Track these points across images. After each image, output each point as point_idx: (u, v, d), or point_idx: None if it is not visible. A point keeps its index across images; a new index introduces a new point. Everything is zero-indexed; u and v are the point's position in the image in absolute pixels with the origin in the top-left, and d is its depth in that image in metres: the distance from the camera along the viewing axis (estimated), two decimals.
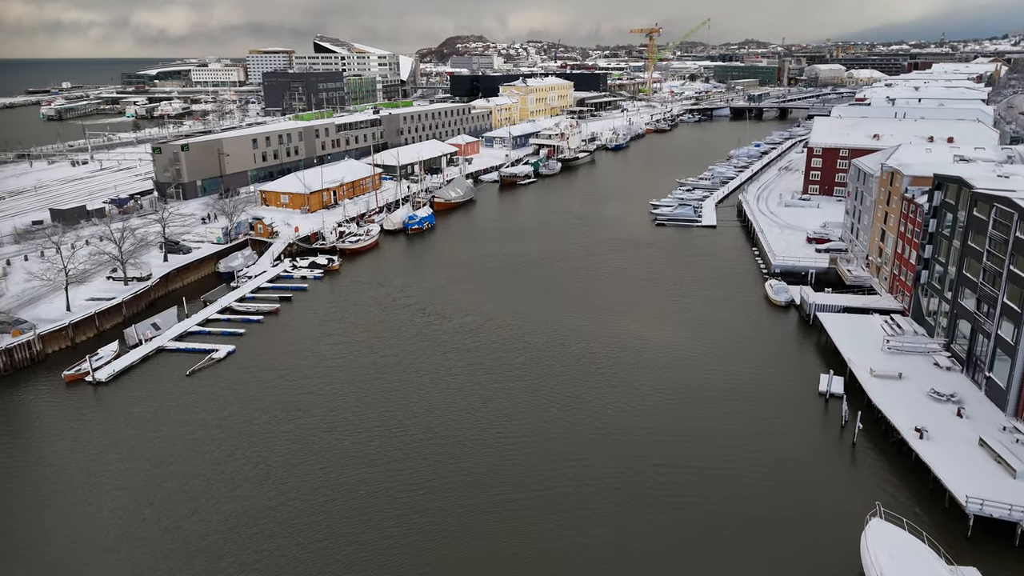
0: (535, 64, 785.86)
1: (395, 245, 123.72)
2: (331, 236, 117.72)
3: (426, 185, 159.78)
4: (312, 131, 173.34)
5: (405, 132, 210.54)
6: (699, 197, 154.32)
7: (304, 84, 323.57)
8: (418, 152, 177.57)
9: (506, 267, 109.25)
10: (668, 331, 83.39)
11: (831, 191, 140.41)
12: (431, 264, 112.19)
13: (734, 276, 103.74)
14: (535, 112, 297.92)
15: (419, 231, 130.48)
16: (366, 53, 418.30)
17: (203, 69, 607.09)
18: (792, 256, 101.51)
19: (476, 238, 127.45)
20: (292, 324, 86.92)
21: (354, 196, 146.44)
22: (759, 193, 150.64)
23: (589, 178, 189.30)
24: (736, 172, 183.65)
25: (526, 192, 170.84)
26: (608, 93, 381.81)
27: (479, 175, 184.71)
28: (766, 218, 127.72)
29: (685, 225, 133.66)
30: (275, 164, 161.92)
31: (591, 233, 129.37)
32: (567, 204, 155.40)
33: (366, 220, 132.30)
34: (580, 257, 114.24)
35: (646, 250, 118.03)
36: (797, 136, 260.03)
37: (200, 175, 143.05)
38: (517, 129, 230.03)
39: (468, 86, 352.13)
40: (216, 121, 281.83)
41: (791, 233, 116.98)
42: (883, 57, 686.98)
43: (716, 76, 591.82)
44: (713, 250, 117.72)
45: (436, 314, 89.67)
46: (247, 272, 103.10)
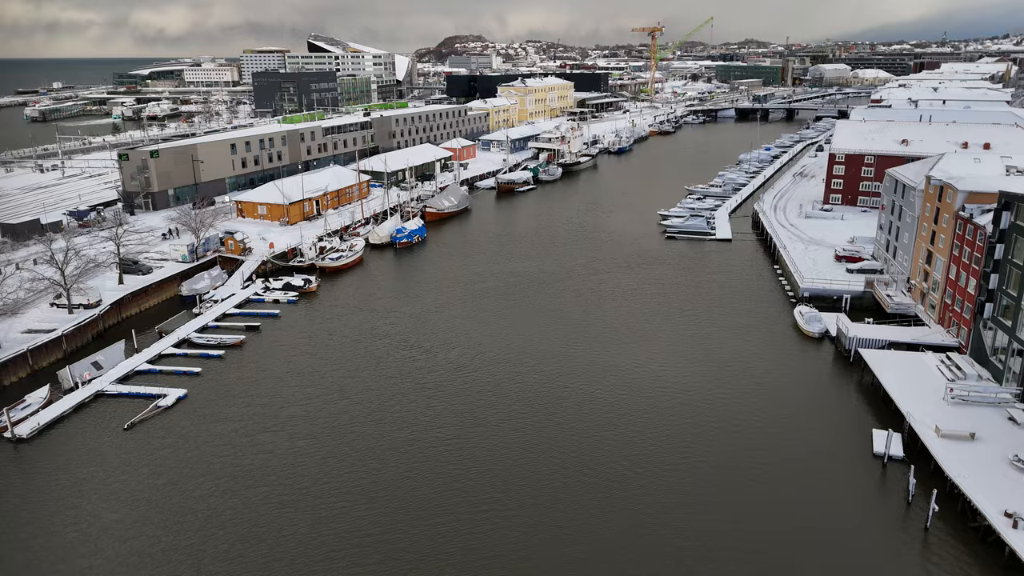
0: (534, 64, 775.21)
1: (381, 262, 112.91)
2: (310, 253, 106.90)
3: (417, 193, 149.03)
4: (297, 135, 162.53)
5: (397, 135, 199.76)
6: (710, 206, 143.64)
7: (296, 84, 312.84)
8: (409, 157, 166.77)
9: (501, 288, 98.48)
10: (687, 369, 72.59)
11: (855, 201, 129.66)
12: (419, 284, 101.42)
13: (757, 300, 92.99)
14: (534, 114, 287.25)
15: (408, 245, 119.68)
16: (361, 53, 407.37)
17: (196, 69, 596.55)
18: (822, 278, 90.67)
19: (470, 253, 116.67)
20: (257, 359, 76.10)
21: (339, 206, 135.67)
22: (775, 202, 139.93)
23: (592, 185, 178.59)
24: (748, 178, 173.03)
25: (525, 200, 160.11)
26: (609, 94, 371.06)
27: (475, 181, 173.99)
28: (786, 231, 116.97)
29: (697, 238, 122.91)
30: (256, 171, 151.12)
31: (595, 247, 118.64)
32: (569, 214, 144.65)
33: (350, 233, 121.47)
34: (584, 276, 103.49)
35: (656, 268, 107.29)
36: (808, 139, 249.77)
37: (172, 184, 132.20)
38: (515, 132, 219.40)
39: (465, 87, 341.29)
40: (203, 123, 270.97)
41: (816, 249, 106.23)
42: (888, 57, 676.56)
43: (718, 76, 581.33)
44: (730, 268, 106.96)
45: (421, 347, 78.85)
46: (214, 295, 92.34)
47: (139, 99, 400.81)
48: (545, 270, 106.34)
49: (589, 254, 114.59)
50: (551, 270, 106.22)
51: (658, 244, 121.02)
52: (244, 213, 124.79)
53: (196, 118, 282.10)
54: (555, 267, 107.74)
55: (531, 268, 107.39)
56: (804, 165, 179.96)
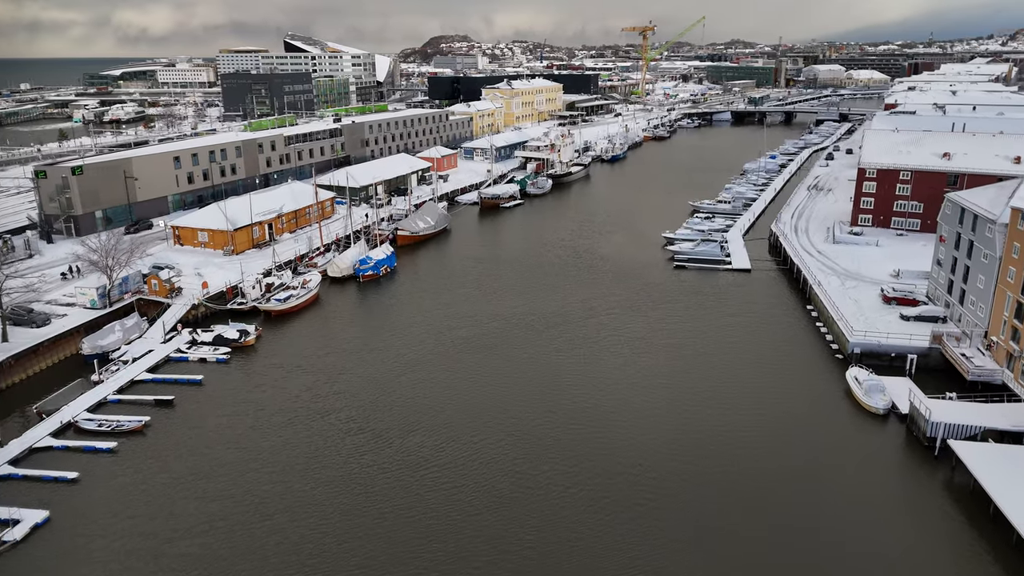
0: (520, 64, 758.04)
1: (340, 301, 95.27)
2: (253, 292, 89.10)
3: (389, 212, 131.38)
4: (254, 145, 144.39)
5: (371, 143, 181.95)
6: (720, 226, 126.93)
7: (267, 86, 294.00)
8: (380, 170, 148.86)
9: (481, 338, 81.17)
10: (717, 461, 55.64)
11: (888, 222, 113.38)
12: (382, 333, 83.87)
13: (793, 355, 76.21)
14: (521, 117, 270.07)
15: (374, 278, 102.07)
16: (339, 53, 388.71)
17: (170, 70, 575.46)
18: (876, 330, 73.82)
19: (447, 288, 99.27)
20: (156, 454, 58.29)
21: (298, 229, 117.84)
22: (794, 222, 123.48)
23: (585, 199, 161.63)
24: (757, 191, 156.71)
25: (511, 217, 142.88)
26: (600, 96, 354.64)
27: (456, 196, 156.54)
28: (815, 261, 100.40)
29: (711, 268, 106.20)
30: (205, 187, 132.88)
31: (593, 279, 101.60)
32: (560, 235, 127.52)
33: (306, 264, 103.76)
34: (580, 320, 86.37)
35: (665, 308, 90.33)
36: (812, 144, 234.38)
37: (100, 204, 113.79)
38: (501, 138, 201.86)
39: (448, 88, 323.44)
40: (165, 128, 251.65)
41: (856, 286, 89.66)
42: (880, 57, 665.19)
43: (709, 77, 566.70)
44: (754, 308, 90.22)
45: (372, 430, 61.36)
46: (124, 353, 74.53)
47: (104, 101, 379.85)
48: (533, 311, 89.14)
49: (585, 288, 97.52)
50: (540, 311, 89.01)
51: (665, 275, 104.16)
52: (182, 240, 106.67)
53: (157, 122, 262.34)
54: (545, 307, 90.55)
55: (517, 309, 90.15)
56: (818, 177, 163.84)
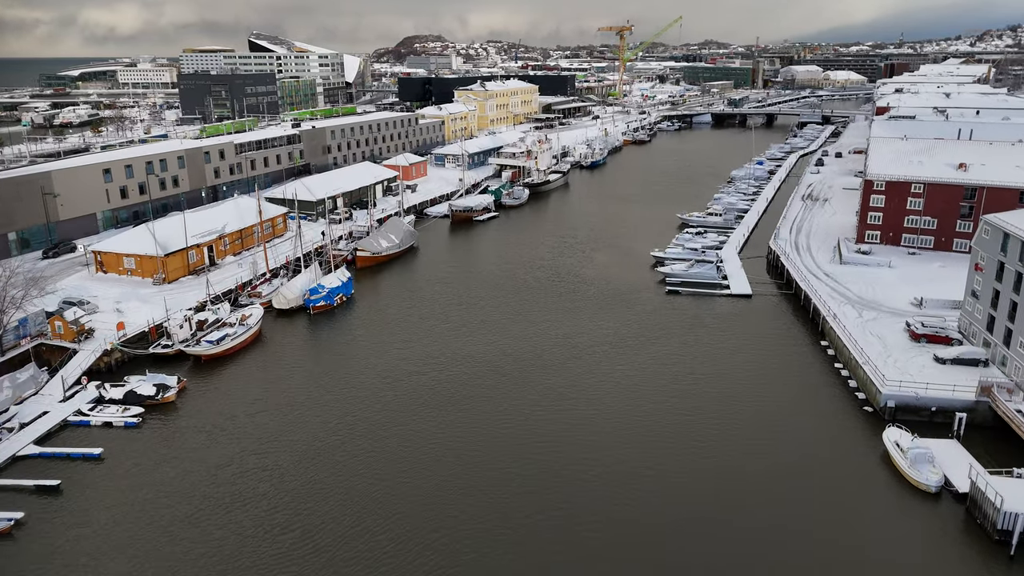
0: (495, 65, 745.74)
1: (285, 339, 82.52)
2: (181, 332, 76.08)
3: (349, 228, 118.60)
4: (199, 154, 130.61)
5: (334, 150, 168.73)
6: (712, 243, 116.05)
7: (228, 87, 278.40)
8: (339, 181, 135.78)
9: (444, 387, 69.06)
10: (733, 560, 44.18)
11: (898, 239, 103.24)
12: (328, 381, 71.36)
13: (814, 408, 65.10)
14: (496, 121, 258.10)
15: (327, 309, 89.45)
16: (306, 52, 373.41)
17: (131, 70, 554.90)
18: (911, 379, 62.99)
19: (408, 321, 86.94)
20: (22, 569, 45.44)
21: (244, 251, 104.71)
22: (794, 238, 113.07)
23: (565, 210, 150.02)
24: (748, 201, 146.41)
25: (485, 232, 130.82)
26: (577, 97, 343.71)
27: (425, 208, 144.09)
28: (824, 286, 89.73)
29: (707, 293, 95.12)
30: (141, 202, 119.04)
31: (576, 307, 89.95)
32: (539, 252, 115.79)
33: (249, 294, 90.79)
34: (561, 362, 74.62)
35: (659, 345, 78.89)
36: (798, 148, 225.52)
37: (13, 225, 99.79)
38: (474, 144, 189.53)
39: (419, 90, 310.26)
40: (116, 132, 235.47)
41: (875, 317, 79.03)
42: (856, 58, 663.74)
43: (686, 77, 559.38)
44: (761, 344, 79.15)
45: (300, 528, 48.96)
46: (12, 417, 61.33)
47: (56, 104, 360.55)
48: (508, 350, 77.22)
49: (568, 319, 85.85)
50: (516, 351, 77.10)
51: (656, 301, 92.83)
52: (105, 267, 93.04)
53: (106, 127, 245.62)
54: (521, 345, 78.67)
55: (489, 347, 78.14)
56: (811, 185, 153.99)
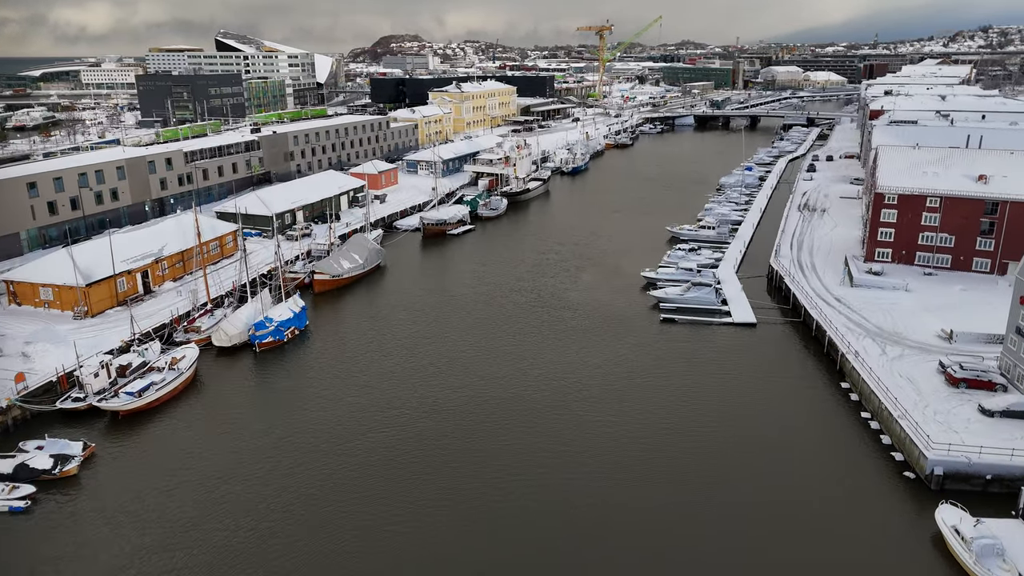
0: (473, 65, 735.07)
1: (221, 386, 71.18)
2: (96, 382, 64.51)
3: (308, 246, 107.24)
4: (142, 163, 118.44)
5: (297, 157, 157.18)
6: (707, 260, 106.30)
7: (190, 88, 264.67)
8: (299, 192, 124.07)
9: (401, 448, 58.31)
10: None
11: (911, 258, 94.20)
12: (263, 443, 60.19)
13: (842, 471, 55.24)
14: (472, 124, 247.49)
15: (275, 346, 78.25)
16: (275, 52, 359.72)
17: (95, 70, 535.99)
18: (961, 442, 53.30)
19: (368, 359, 75.98)
20: None
21: (187, 275, 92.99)
22: (796, 254, 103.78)
23: (546, 222, 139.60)
24: (740, 212, 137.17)
25: (459, 248, 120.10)
26: (556, 99, 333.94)
27: (395, 220, 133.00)
28: (837, 313, 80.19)
29: (706, 321, 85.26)
30: (74, 218, 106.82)
31: (560, 339, 79.55)
32: (519, 271, 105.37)
33: (187, 328, 79.25)
34: (545, 411, 64.16)
35: (655, 386, 68.73)
36: (786, 152, 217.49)
37: None
38: (449, 149, 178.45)
39: (392, 91, 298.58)
40: (68, 136, 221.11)
41: (901, 353, 69.56)
42: (835, 59, 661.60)
43: (666, 78, 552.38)
44: (770, 385, 69.31)
45: None
46: None
47: (11, 106, 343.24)
48: (481, 395, 66.66)
49: (551, 354, 75.48)
50: (491, 397, 66.56)
51: (650, 332, 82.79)
52: (20, 299, 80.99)
53: (57, 131, 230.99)
54: (498, 389, 68.12)
55: (459, 392, 67.52)
56: (806, 194, 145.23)
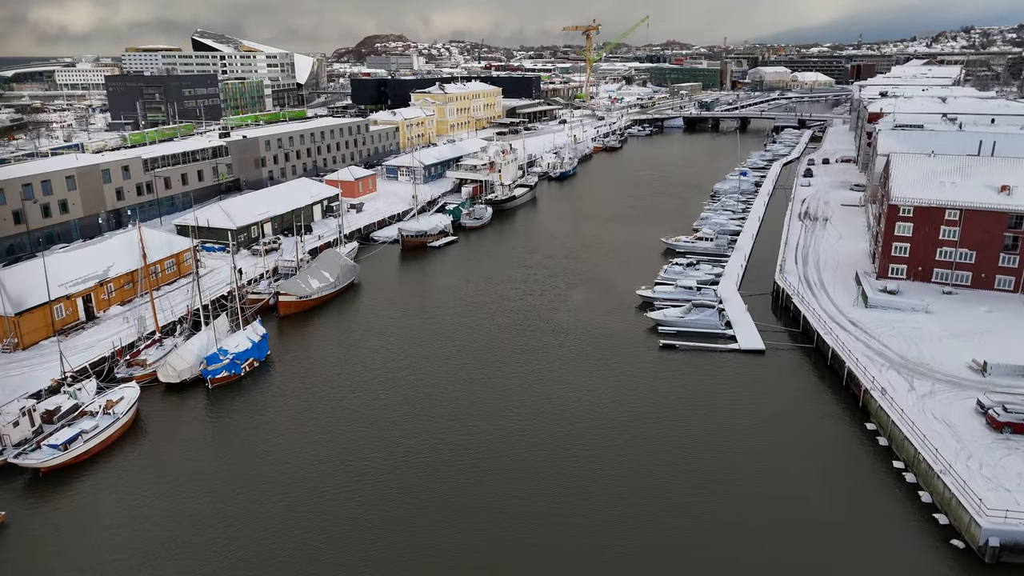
0: (458, 65, 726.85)
1: (166, 429, 62.64)
2: (15, 432, 55.80)
3: (275, 263, 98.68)
4: (96, 172, 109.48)
5: (269, 163, 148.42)
6: (706, 276, 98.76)
7: (163, 89, 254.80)
8: (267, 202, 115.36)
9: (365, 528, 50.20)
10: None
11: (928, 275, 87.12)
12: (202, 508, 51.69)
13: (881, 540, 47.73)
14: (456, 126, 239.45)
15: (231, 381, 69.81)
16: (253, 52, 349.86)
17: (70, 70, 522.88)
18: (1020, 508, 46.05)
19: (333, 398, 67.67)
20: None
21: (138, 297, 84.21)
22: (802, 270, 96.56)
23: (533, 232, 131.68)
24: (738, 221, 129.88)
25: (440, 262, 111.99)
26: (542, 100, 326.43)
27: (373, 231, 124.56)
28: (856, 341, 72.79)
29: (709, 348, 77.67)
30: (17, 233, 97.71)
31: (550, 370, 71.64)
32: (504, 289, 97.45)
33: (131, 362, 70.58)
34: (531, 471, 56.28)
35: (658, 433, 60.99)
36: (779, 155, 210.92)
37: None
38: (431, 154, 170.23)
39: (374, 92, 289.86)
40: (33, 141, 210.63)
41: (930, 389, 62.21)
42: (822, 59, 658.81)
43: (653, 79, 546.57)
44: (787, 427, 61.67)
45: None
46: None
47: None
48: (461, 446, 58.61)
49: (540, 391, 67.55)
50: (472, 448, 58.52)
51: (648, 360, 75.11)
52: None
53: (22, 134, 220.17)
54: (479, 440, 60.04)
55: (436, 441, 59.42)
56: (805, 201, 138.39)
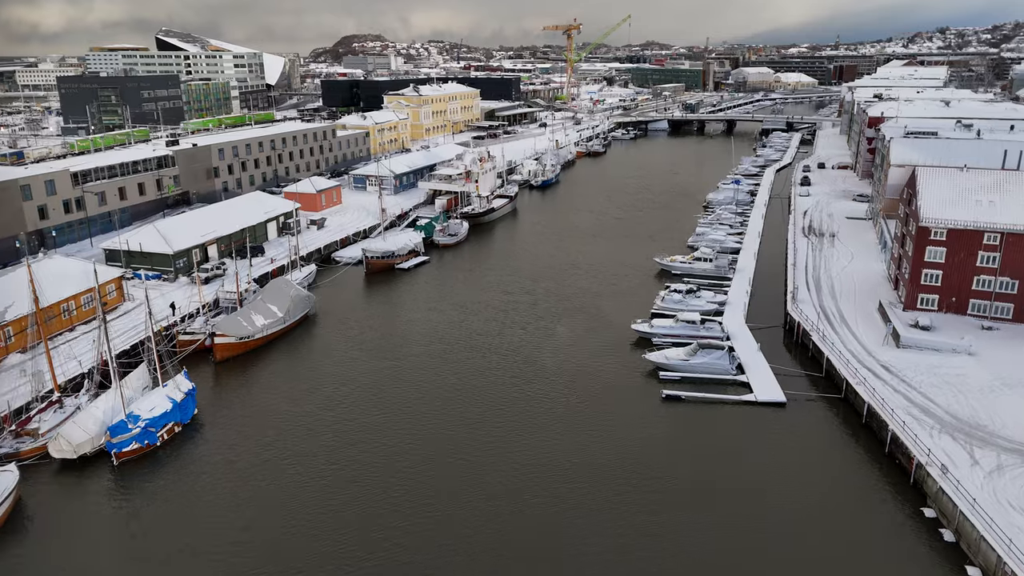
0: (437, 65, 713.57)
1: (52, 522, 49.77)
2: None
3: (215, 294, 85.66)
4: (14, 188, 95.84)
5: (223, 174, 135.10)
6: (711, 306, 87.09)
7: (119, 91, 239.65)
8: (212, 221, 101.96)
9: None
10: None
11: (964, 307, 76.33)
12: None
13: None
14: (432, 130, 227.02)
15: (143, 452, 57.07)
16: (220, 51, 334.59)
17: (32, 71, 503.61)
18: None
19: (265, 474, 55.07)
20: None
21: (41, 342, 70.80)
22: (817, 299, 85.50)
23: (514, 250, 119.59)
24: (736, 236, 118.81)
25: (410, 286, 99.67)
26: (522, 102, 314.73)
27: (333, 252, 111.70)
28: (894, 392, 61.63)
29: (720, 399, 66.14)
30: None
31: (530, 434, 59.59)
32: (479, 323, 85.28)
33: (19, 432, 57.50)
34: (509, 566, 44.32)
35: (663, 522, 49.38)
36: (770, 160, 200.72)
37: None
38: (402, 162, 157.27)
39: (346, 94, 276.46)
40: None
41: (996, 463, 51.03)
42: (803, 60, 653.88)
43: (634, 80, 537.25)
44: (824, 510, 50.14)
45: None
46: None
47: None
48: (422, 541, 46.49)
49: (520, 457, 55.47)
50: (435, 545, 46.44)
51: (649, 417, 63.38)
52: None
53: None
54: (443, 534, 48.02)
55: (399, 534, 47.26)
56: (807, 213, 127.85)
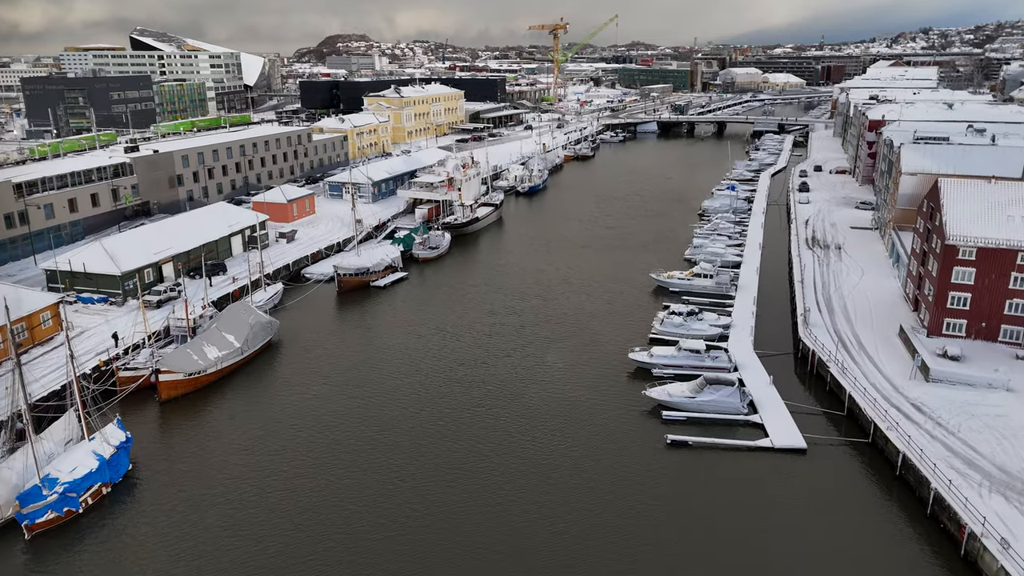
0: (422, 65, 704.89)
1: None
2: None
3: (165, 321, 77.02)
4: None
5: (187, 182, 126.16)
6: (714, 330, 79.56)
7: (86, 92, 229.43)
8: (168, 237, 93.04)
9: None
10: None
11: (995, 332, 69.22)
12: None
13: None
14: (415, 133, 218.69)
15: (61, 522, 48.54)
16: (196, 51, 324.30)
17: (4, 71, 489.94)
18: None
19: (211, 548, 46.70)
20: None
21: None
22: (831, 322, 78.18)
23: (499, 264, 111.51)
24: (736, 249, 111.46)
25: (387, 307, 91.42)
26: (508, 104, 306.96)
27: (303, 268, 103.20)
28: (930, 439, 54.31)
29: (731, 445, 58.48)
30: None
31: (517, 488, 51.60)
32: (461, 350, 77.15)
33: None
34: None
35: None
36: (764, 164, 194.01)
37: None
38: (380, 168, 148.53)
39: (326, 95, 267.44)
40: None
41: None
42: (791, 60, 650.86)
43: (621, 80, 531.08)
44: None
45: None
46: None
47: None
48: None
49: (507, 517, 47.55)
50: None
51: (652, 467, 55.57)
52: None
53: None
54: None
55: None
56: (809, 222, 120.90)
